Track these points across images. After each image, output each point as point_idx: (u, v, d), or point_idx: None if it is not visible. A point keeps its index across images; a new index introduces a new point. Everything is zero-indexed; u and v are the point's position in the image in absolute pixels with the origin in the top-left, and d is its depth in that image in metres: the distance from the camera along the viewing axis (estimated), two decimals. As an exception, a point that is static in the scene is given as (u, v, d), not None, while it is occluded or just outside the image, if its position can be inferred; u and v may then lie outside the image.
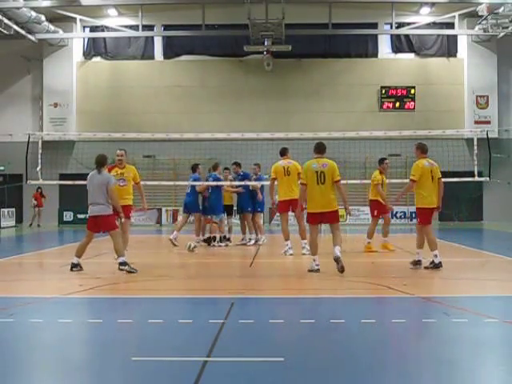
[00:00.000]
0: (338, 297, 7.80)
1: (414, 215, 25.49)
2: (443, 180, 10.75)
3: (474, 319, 6.17)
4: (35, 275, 10.30)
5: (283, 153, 12.90)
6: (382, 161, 13.68)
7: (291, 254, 12.15)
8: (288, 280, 9.42)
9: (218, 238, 14.52)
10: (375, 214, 13.37)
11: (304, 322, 6.12)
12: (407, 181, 11.79)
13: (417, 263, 10.17)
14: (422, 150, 10.65)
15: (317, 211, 9.58)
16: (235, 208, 15.51)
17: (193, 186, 14.60)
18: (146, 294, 8.18)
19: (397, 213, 26.47)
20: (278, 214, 12.76)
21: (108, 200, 9.76)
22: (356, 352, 5.09)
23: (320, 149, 9.98)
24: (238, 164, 15.43)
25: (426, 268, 9.94)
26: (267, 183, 13.94)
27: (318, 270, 9.56)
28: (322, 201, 9.54)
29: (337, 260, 9.30)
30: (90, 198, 9.85)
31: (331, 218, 9.69)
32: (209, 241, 14.57)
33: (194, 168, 15.04)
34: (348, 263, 10.93)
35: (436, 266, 9.89)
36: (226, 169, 15.64)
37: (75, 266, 9.75)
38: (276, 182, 12.64)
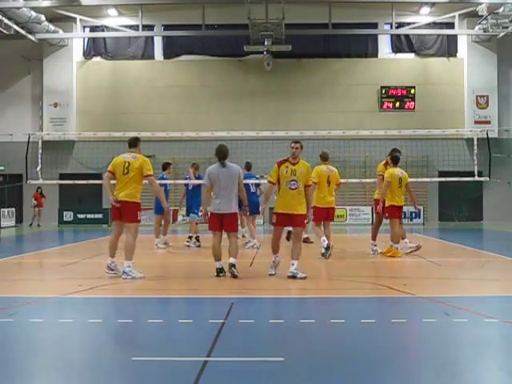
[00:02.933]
0: (338, 297, 7.80)
1: (413, 215, 25.57)
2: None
3: (474, 319, 6.17)
4: (35, 275, 10.30)
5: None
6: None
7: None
8: (288, 280, 9.41)
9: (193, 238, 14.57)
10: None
11: (304, 322, 6.12)
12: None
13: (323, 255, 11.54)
14: (322, 157, 12.19)
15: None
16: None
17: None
18: (146, 293, 8.17)
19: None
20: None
21: (236, 196, 9.29)
22: (356, 352, 5.08)
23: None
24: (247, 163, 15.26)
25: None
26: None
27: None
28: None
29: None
30: (216, 195, 9.25)
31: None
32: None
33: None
34: (348, 263, 10.95)
35: (323, 254, 11.59)
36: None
37: (221, 271, 9.18)
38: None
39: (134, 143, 9.39)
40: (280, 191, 9.21)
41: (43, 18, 25.06)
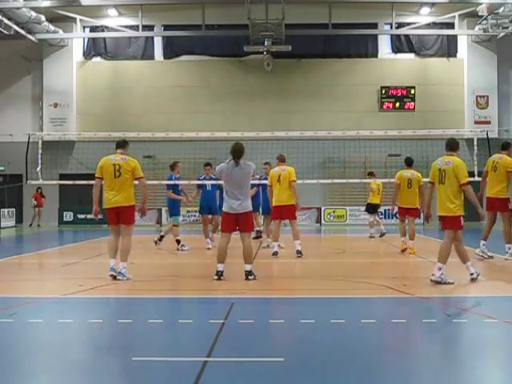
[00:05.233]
0: (338, 297, 7.79)
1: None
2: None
3: (474, 319, 6.17)
4: (35, 275, 10.30)
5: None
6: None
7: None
8: (288, 280, 9.42)
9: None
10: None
11: (304, 322, 6.11)
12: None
13: (274, 254, 12.07)
14: (278, 159, 12.59)
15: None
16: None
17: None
18: (146, 294, 8.18)
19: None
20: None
21: (249, 194, 9.04)
22: (356, 352, 5.08)
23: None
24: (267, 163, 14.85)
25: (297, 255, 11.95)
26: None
27: None
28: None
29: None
30: (229, 194, 8.80)
31: None
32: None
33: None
34: (348, 263, 10.95)
35: (272, 252, 12.12)
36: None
37: (222, 274, 8.78)
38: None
39: (122, 145, 9.32)
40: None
41: (43, 18, 25.05)
